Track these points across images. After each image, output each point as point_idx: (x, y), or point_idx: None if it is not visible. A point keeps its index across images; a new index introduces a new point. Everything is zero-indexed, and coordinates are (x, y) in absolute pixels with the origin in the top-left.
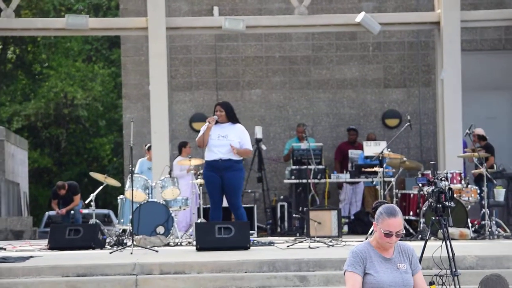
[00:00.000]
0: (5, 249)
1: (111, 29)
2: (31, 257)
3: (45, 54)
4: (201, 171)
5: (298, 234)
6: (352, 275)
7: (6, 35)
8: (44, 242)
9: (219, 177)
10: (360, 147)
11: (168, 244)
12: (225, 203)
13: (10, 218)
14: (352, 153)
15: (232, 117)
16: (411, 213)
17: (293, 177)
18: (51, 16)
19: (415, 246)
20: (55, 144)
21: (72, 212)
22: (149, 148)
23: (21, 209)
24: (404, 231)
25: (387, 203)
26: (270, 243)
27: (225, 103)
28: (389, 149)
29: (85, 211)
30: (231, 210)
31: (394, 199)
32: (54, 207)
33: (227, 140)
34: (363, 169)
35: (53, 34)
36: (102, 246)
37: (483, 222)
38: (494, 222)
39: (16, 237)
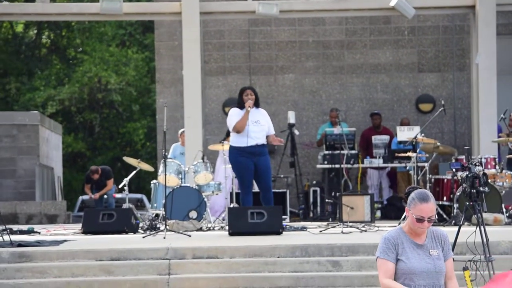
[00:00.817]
0: (39, 233)
1: (145, 13)
2: (65, 241)
3: (79, 39)
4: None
5: (330, 219)
6: (384, 262)
7: (41, 20)
8: (78, 226)
9: (252, 162)
10: (385, 132)
11: (200, 229)
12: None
13: (44, 202)
14: (376, 138)
15: (258, 102)
16: (445, 198)
17: (325, 162)
18: (85, 1)
19: (449, 231)
20: (88, 129)
21: (105, 196)
22: (182, 133)
23: (55, 193)
24: (437, 217)
25: (419, 188)
26: (303, 228)
27: (252, 87)
28: (422, 134)
29: (118, 195)
30: (264, 193)
31: (428, 184)
32: (87, 191)
33: (261, 126)
34: (396, 154)
35: (87, 19)
36: (135, 231)
37: None
38: None
39: (50, 221)
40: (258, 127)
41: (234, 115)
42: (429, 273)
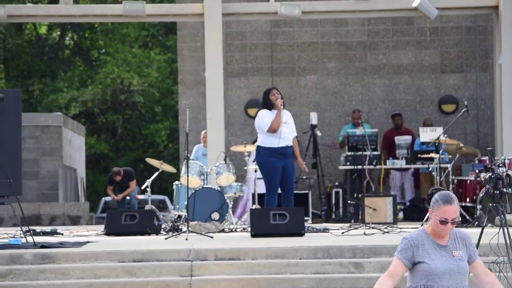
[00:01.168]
0: (62, 234)
1: (168, 15)
2: (88, 242)
3: (102, 41)
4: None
5: (353, 221)
6: (397, 261)
7: (65, 21)
8: (101, 228)
9: (282, 163)
10: (407, 133)
11: (223, 230)
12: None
13: (67, 204)
14: (399, 139)
15: (283, 103)
16: (468, 199)
17: (348, 163)
18: (108, 3)
19: (472, 232)
20: (111, 130)
21: (128, 198)
22: (206, 134)
23: (78, 195)
24: (460, 219)
25: (443, 189)
26: (325, 230)
27: (277, 88)
28: (445, 135)
29: (140, 197)
30: (288, 195)
31: (451, 185)
32: (110, 193)
33: (290, 127)
34: (419, 155)
35: (110, 21)
36: (157, 232)
37: None
38: None
39: (73, 222)
40: (288, 128)
41: (265, 116)
42: (452, 274)
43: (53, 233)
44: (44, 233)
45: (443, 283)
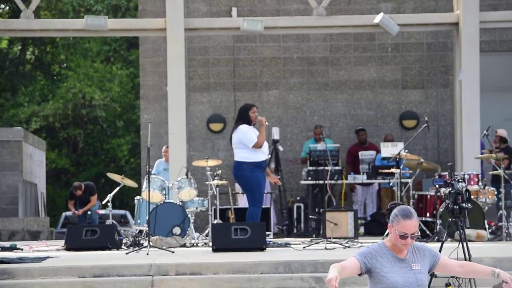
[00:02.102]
0: (22, 249)
1: (130, 30)
2: (48, 257)
3: (63, 55)
4: (219, 172)
5: (314, 235)
6: (352, 259)
7: (26, 36)
8: (61, 243)
9: (263, 177)
10: (371, 148)
11: (184, 245)
12: (241, 205)
13: (27, 219)
14: (363, 154)
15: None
16: (428, 214)
17: (309, 178)
18: (70, 17)
19: (432, 247)
20: (72, 145)
21: (89, 212)
22: (167, 148)
23: (38, 210)
24: (419, 233)
25: (401, 204)
26: (286, 244)
27: None
28: (406, 150)
29: (102, 211)
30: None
31: (411, 200)
32: (71, 207)
33: (266, 142)
34: (379, 170)
35: (72, 35)
36: (118, 247)
37: (500, 224)
38: (511, 223)
39: (33, 238)
40: (265, 143)
41: (249, 131)
42: (411, 287)
43: (12, 248)
44: (3, 249)
45: None
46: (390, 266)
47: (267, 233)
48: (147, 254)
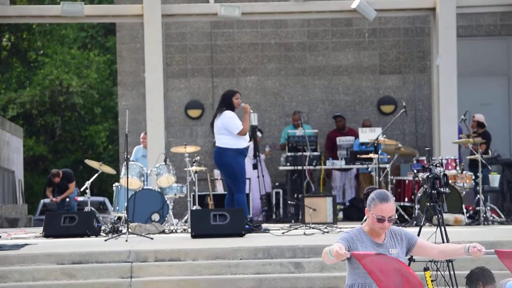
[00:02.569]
0: (0, 236)
1: (107, 16)
2: (26, 244)
3: (40, 42)
4: (197, 158)
5: (293, 221)
6: (339, 243)
7: (2, 22)
8: (39, 230)
9: (244, 163)
10: (350, 133)
11: (163, 232)
12: (220, 191)
13: (5, 206)
14: (341, 140)
15: None
16: (406, 199)
17: (288, 164)
18: (46, 3)
19: (410, 232)
20: (50, 132)
21: (67, 199)
22: (145, 135)
23: (16, 197)
24: (397, 217)
25: (378, 188)
26: (265, 230)
27: None
28: (384, 136)
29: (80, 198)
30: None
31: (389, 185)
32: (49, 194)
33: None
34: (358, 156)
35: (48, 22)
36: (97, 234)
37: (477, 208)
38: (488, 208)
39: (11, 225)
40: None
41: (234, 117)
42: None
43: None
44: None
45: None
46: (368, 251)
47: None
48: (126, 240)
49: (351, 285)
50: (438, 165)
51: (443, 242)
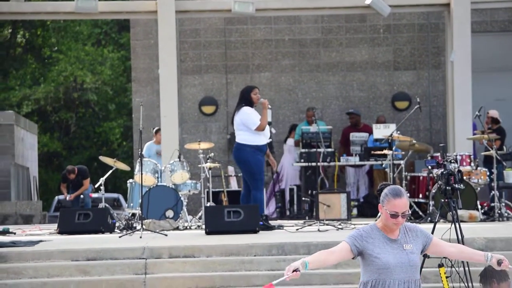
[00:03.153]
0: (14, 233)
1: (121, 12)
2: (41, 241)
3: (54, 38)
4: (211, 155)
5: (307, 217)
6: (343, 243)
7: (16, 19)
8: (54, 226)
9: (264, 160)
10: (365, 129)
11: (177, 228)
12: (234, 187)
13: (20, 203)
14: (354, 136)
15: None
16: (420, 195)
17: (302, 160)
18: (60, 0)
19: (425, 228)
20: (64, 128)
21: (81, 196)
22: (157, 131)
23: (30, 193)
24: (410, 212)
25: (391, 184)
26: (279, 227)
27: None
28: (398, 132)
29: (94, 195)
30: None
31: (404, 181)
32: (63, 190)
33: (268, 125)
34: (372, 152)
35: (62, 18)
36: (111, 230)
37: (492, 204)
38: (503, 204)
39: (25, 222)
40: (267, 126)
41: (252, 113)
42: (404, 268)
43: (5, 232)
44: None
45: (395, 277)
46: (382, 247)
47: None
48: (140, 237)
49: (366, 282)
50: (452, 161)
51: (457, 238)
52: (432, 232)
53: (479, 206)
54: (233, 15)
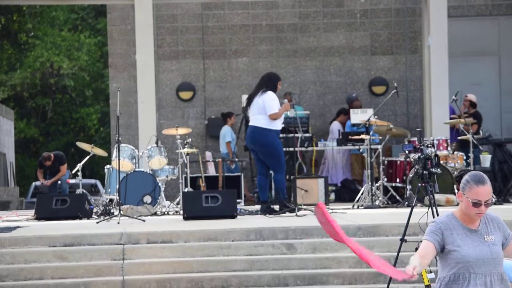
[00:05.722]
0: None
1: None
2: (18, 227)
3: (30, 24)
4: (189, 140)
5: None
6: (426, 242)
7: None
8: (31, 212)
9: None
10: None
11: (155, 214)
12: (212, 173)
13: None
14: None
15: None
16: (398, 180)
17: None
18: None
19: (401, 213)
20: (41, 114)
21: (59, 182)
22: (230, 114)
23: (7, 180)
24: (494, 200)
25: (471, 170)
26: (257, 212)
27: None
28: (375, 117)
29: (72, 181)
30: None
31: (381, 166)
32: (40, 176)
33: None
34: (350, 137)
35: (38, 3)
36: (89, 216)
37: None
38: None
39: (2, 208)
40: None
41: (276, 99)
42: (486, 260)
43: None
44: None
45: (476, 271)
46: (461, 238)
47: (238, 200)
48: (118, 223)
49: (443, 277)
50: (429, 145)
51: None
52: (409, 216)
53: (456, 190)
54: (210, 0)
